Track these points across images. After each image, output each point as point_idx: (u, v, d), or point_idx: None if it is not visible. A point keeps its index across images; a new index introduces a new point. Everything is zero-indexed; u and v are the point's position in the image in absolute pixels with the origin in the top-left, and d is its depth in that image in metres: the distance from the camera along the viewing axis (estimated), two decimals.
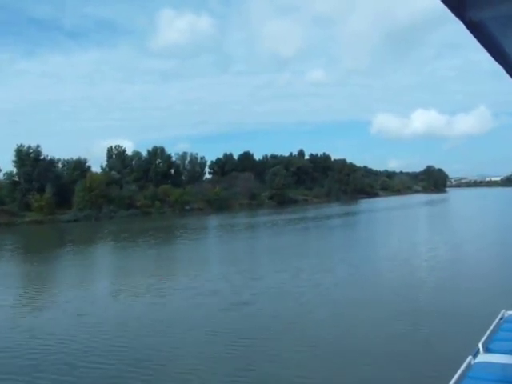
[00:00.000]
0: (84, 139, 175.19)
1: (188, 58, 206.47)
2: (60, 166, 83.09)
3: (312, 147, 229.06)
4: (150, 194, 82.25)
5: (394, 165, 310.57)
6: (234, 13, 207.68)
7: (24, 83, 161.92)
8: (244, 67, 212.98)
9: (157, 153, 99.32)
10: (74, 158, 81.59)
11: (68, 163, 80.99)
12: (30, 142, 73.07)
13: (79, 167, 78.54)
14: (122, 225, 57.76)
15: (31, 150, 71.35)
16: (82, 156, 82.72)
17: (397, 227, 45.62)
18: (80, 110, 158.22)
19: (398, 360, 10.27)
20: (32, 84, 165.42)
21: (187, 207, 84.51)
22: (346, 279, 19.40)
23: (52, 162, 75.51)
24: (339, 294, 16.77)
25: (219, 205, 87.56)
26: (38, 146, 71.99)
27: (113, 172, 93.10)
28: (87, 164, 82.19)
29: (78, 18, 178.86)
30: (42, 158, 72.55)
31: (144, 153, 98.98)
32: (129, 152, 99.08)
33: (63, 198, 70.71)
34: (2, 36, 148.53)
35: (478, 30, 2.04)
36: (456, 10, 1.86)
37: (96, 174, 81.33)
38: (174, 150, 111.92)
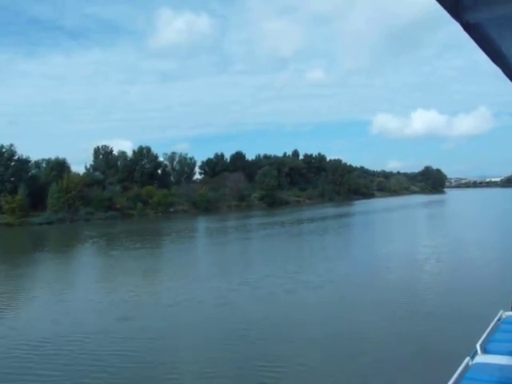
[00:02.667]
0: (84, 140, 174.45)
1: (188, 58, 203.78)
2: (44, 166, 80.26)
3: (311, 148, 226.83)
4: (133, 195, 78.89)
5: (392, 165, 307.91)
6: (233, 13, 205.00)
7: (24, 84, 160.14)
8: (244, 67, 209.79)
9: (143, 153, 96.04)
10: (53, 158, 78.46)
11: (48, 163, 77.75)
12: (27, 143, 70.15)
13: (57, 168, 75.10)
14: (93, 228, 54.41)
15: (4, 150, 68.02)
16: (82, 157, 79.83)
17: (382, 231, 42.31)
18: (81, 112, 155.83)
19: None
20: (33, 85, 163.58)
21: (171, 209, 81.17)
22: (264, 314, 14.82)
23: (27, 162, 72.07)
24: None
25: (205, 206, 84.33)
26: (11, 145, 68.69)
27: (96, 173, 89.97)
28: (67, 164, 78.79)
29: (79, 19, 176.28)
30: (16, 157, 69.19)
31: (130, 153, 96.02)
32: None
33: (39, 200, 67.44)
34: (2, 36, 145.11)
35: (474, 31, 2.06)
36: (453, 12, 1.89)
37: (75, 174, 78.09)
38: (172, 151, 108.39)
